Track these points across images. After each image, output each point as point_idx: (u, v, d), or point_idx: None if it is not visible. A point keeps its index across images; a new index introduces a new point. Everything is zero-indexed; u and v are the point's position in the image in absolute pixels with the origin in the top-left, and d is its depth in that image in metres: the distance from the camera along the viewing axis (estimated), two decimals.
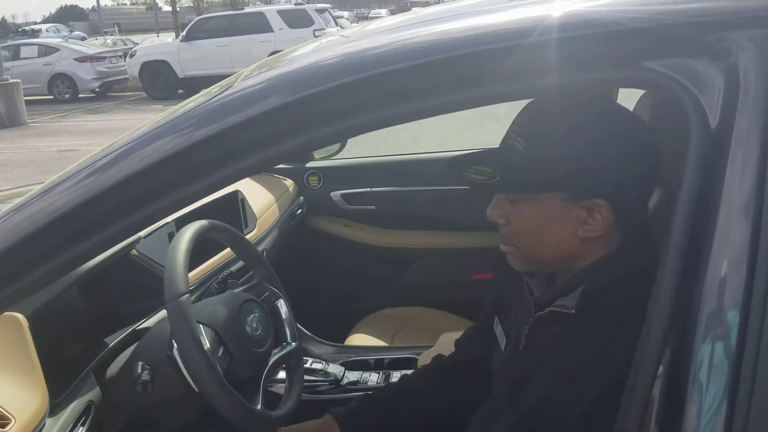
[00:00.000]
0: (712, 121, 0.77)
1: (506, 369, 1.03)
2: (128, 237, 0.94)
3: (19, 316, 1.12)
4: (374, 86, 0.83)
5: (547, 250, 0.94)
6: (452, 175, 0.98)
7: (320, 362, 1.91)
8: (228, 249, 1.79)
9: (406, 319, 2.32)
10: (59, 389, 1.20)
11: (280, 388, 1.51)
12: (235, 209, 1.99)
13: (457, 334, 1.83)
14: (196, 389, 1.20)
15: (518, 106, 0.96)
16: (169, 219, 1.61)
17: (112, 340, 1.41)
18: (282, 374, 1.53)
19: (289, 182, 2.56)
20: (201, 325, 1.24)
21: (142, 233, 1.51)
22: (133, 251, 1.52)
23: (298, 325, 1.93)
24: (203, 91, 1.02)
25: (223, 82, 1.03)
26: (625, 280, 0.90)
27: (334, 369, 1.90)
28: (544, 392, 0.90)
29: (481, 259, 2.42)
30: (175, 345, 1.23)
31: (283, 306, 1.53)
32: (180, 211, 1.58)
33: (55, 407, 1.16)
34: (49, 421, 1.12)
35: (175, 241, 1.28)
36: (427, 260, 2.56)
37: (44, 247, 0.88)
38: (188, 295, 1.20)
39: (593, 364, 0.86)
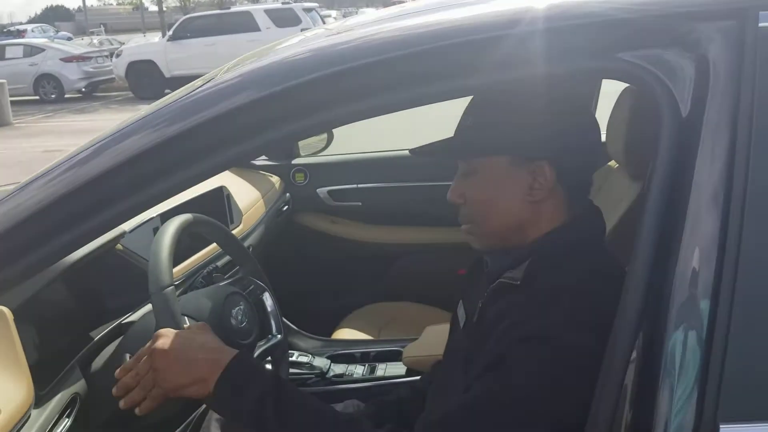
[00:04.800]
0: (683, 111, 0.80)
1: (463, 344, 1.06)
2: (112, 228, 0.96)
3: (5, 309, 1.13)
4: (357, 77, 0.85)
5: (501, 219, 1.01)
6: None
7: (306, 355, 1.93)
8: (214, 244, 1.79)
9: (392, 314, 2.34)
10: (45, 381, 1.21)
11: None
12: (220, 205, 2.00)
13: (442, 327, 1.84)
14: None
15: None
16: (153, 214, 1.62)
17: (98, 334, 1.42)
18: (267, 367, 1.54)
19: (275, 179, 2.57)
20: (185, 317, 1.24)
21: (126, 228, 1.52)
22: (118, 246, 1.52)
23: (285, 319, 1.95)
24: (183, 87, 1.04)
25: (206, 76, 1.05)
26: (570, 257, 0.96)
27: (320, 362, 1.91)
28: (489, 359, 0.93)
29: (466, 254, 2.43)
30: None
31: (268, 299, 1.53)
32: (165, 205, 1.59)
33: (40, 399, 1.17)
34: (34, 413, 1.13)
35: (159, 235, 1.29)
36: (413, 255, 2.58)
37: (26, 239, 0.90)
38: (173, 287, 1.20)
39: (532, 336, 0.89)
